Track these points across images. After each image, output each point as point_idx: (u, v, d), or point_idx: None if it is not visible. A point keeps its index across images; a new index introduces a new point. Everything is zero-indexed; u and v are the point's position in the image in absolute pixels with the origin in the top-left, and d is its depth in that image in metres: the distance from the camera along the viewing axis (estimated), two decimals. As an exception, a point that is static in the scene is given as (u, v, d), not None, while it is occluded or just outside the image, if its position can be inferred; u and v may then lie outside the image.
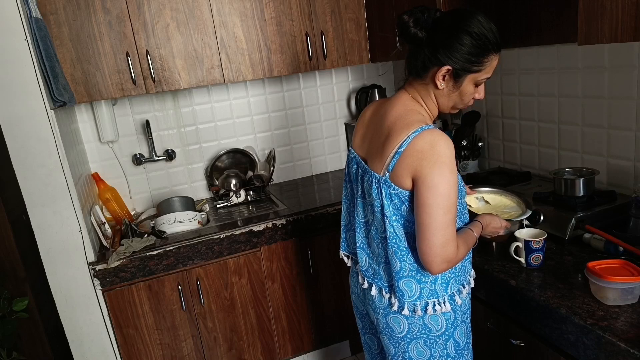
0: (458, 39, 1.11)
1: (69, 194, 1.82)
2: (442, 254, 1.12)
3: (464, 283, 1.29)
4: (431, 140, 1.10)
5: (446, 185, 1.09)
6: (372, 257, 1.31)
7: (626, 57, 1.56)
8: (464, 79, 1.15)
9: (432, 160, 1.09)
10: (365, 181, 1.25)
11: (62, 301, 1.90)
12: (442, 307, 1.23)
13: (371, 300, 1.32)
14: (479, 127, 2.26)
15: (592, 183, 1.60)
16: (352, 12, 2.38)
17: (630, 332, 1.06)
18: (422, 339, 1.26)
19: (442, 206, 1.10)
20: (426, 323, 1.25)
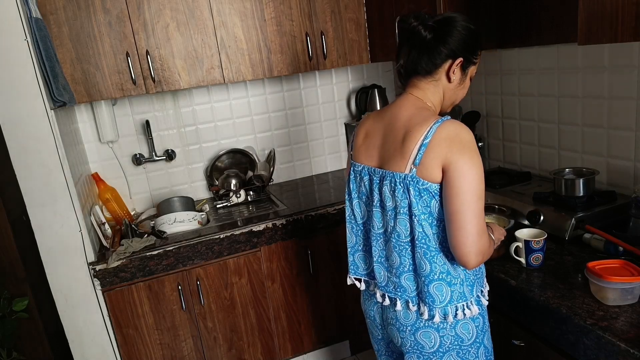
0: (463, 34, 1.19)
1: (69, 194, 1.82)
2: (479, 243, 1.09)
3: (483, 285, 1.27)
4: (455, 129, 1.12)
5: (478, 170, 1.09)
6: (390, 269, 1.25)
7: (626, 57, 1.56)
8: (468, 70, 1.24)
9: (460, 146, 1.09)
10: (385, 186, 1.20)
11: (62, 301, 1.90)
12: (471, 311, 1.19)
13: (395, 318, 1.26)
14: (479, 127, 2.26)
15: (592, 183, 1.60)
16: (352, 12, 2.38)
17: (630, 332, 1.06)
18: (454, 350, 1.21)
19: (475, 192, 1.09)
20: (458, 333, 1.20)
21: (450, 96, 1.26)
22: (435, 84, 1.23)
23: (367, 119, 1.34)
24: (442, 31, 1.18)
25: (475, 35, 1.21)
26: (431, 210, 1.15)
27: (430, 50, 1.19)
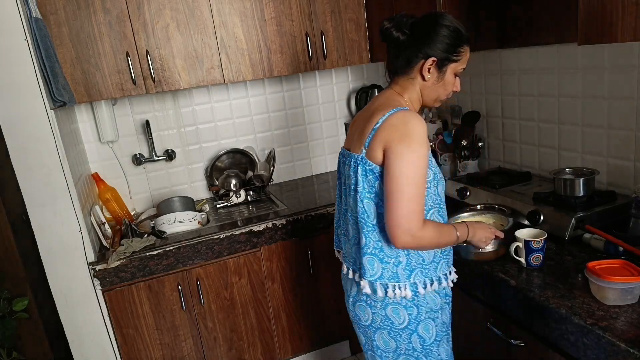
0: (438, 33, 1.25)
1: (69, 194, 1.82)
2: (405, 224, 1.18)
3: (432, 278, 1.32)
4: (404, 117, 1.22)
5: (413, 156, 1.18)
6: (347, 242, 1.40)
7: (626, 57, 1.56)
8: (446, 69, 1.28)
9: (402, 134, 1.20)
10: (347, 165, 1.35)
11: (62, 301, 1.90)
12: (402, 292, 1.28)
13: (349, 289, 1.43)
14: (479, 127, 2.26)
15: (592, 183, 1.60)
16: (352, 12, 2.38)
17: (630, 332, 1.06)
18: (386, 329, 1.34)
19: (408, 176, 1.18)
20: (388, 315, 1.32)
21: (428, 93, 1.33)
22: (411, 82, 1.31)
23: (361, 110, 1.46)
24: (416, 32, 1.27)
25: (452, 33, 1.25)
26: (376, 190, 1.26)
27: (403, 50, 1.29)
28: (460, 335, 1.66)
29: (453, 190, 1.98)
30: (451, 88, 1.33)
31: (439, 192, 1.33)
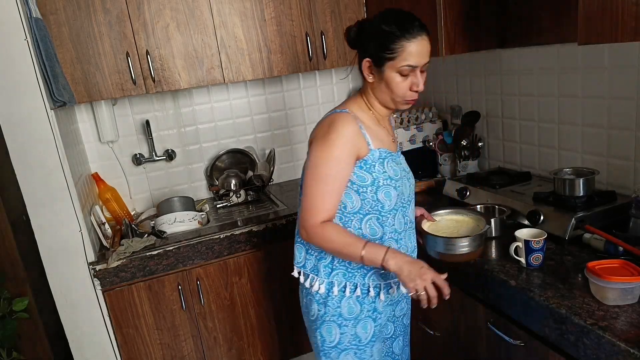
0: (369, 33, 1.27)
1: (69, 194, 1.82)
2: (302, 218, 1.27)
3: (356, 284, 1.34)
4: (332, 119, 1.29)
5: (325, 154, 1.24)
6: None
7: (626, 57, 1.56)
8: (384, 68, 1.26)
9: (323, 133, 1.27)
10: None
11: (62, 301, 1.90)
12: (316, 287, 1.36)
13: None
14: (479, 127, 2.26)
15: (592, 183, 1.60)
16: (352, 12, 2.38)
17: (630, 332, 1.06)
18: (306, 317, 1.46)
19: (314, 173, 1.25)
20: (306, 303, 1.42)
21: (379, 95, 1.33)
22: (366, 85, 1.36)
23: None
24: (357, 35, 1.32)
25: (381, 32, 1.24)
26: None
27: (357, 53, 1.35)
28: (461, 335, 1.66)
29: (453, 190, 1.98)
30: (400, 88, 1.28)
31: (379, 199, 1.31)
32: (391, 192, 1.32)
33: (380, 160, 1.32)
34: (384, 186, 1.31)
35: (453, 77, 2.42)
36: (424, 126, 2.43)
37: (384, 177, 1.31)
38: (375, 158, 1.31)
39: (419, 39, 1.23)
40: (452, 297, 1.64)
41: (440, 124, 2.47)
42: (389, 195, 1.32)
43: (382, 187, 1.31)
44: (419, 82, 1.28)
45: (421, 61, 1.25)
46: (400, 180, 1.36)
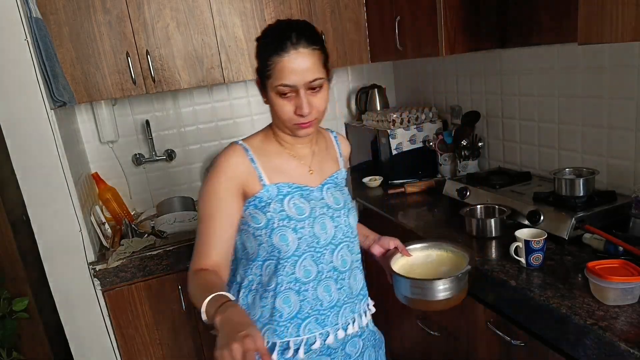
0: (255, 48, 1.15)
1: (69, 194, 1.82)
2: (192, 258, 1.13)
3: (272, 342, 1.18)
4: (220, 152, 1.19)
5: (201, 192, 1.16)
6: None
7: (626, 57, 1.56)
8: (267, 88, 1.11)
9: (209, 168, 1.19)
10: None
11: (62, 301, 1.90)
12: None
13: None
14: (479, 127, 2.26)
15: (592, 183, 1.60)
16: (352, 12, 2.38)
17: (630, 332, 1.06)
18: None
19: (198, 211, 1.17)
20: None
21: (274, 119, 1.18)
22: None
23: None
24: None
25: (258, 46, 1.12)
26: None
27: None
28: (461, 335, 1.66)
29: (453, 190, 1.98)
30: (285, 112, 1.10)
31: (273, 243, 1.14)
32: (287, 235, 1.14)
33: (278, 198, 1.16)
34: (278, 228, 1.14)
35: (453, 77, 2.42)
36: (424, 126, 2.43)
37: (280, 217, 1.14)
38: (271, 195, 1.15)
39: (293, 54, 1.05)
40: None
41: (440, 124, 2.47)
42: (284, 238, 1.14)
43: (277, 229, 1.14)
44: (302, 104, 1.08)
45: (300, 79, 1.06)
46: (309, 219, 1.16)
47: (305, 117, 1.10)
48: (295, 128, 1.13)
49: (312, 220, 1.17)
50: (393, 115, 2.38)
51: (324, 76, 1.11)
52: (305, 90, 1.08)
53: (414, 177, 2.41)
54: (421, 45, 2.06)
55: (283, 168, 1.20)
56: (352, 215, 1.27)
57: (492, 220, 1.63)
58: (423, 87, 2.69)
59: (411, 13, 2.08)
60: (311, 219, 1.17)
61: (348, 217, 1.25)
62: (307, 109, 1.08)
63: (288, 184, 1.18)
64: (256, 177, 1.15)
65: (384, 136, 2.40)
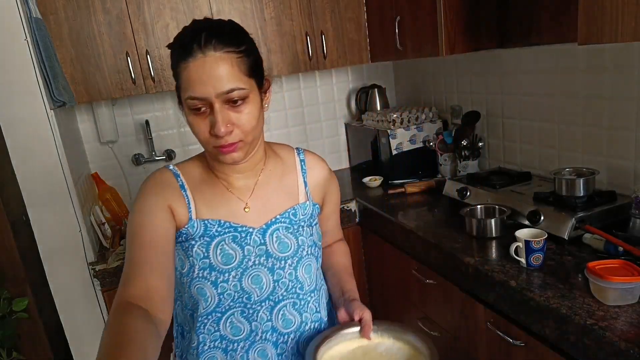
0: None
1: (69, 194, 1.82)
2: None
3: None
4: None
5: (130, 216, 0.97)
6: None
7: (626, 57, 1.56)
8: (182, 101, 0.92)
9: None
10: None
11: (62, 301, 1.90)
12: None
13: None
14: (479, 127, 2.26)
15: (592, 183, 1.60)
16: (352, 12, 2.38)
17: (630, 332, 1.06)
18: None
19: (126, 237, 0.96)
20: None
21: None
22: None
23: None
24: None
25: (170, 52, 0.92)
26: None
27: None
28: (461, 335, 1.66)
29: (453, 191, 1.98)
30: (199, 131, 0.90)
31: (192, 295, 0.97)
32: (206, 289, 0.96)
33: (204, 240, 0.96)
34: (197, 279, 0.96)
35: (453, 77, 2.42)
36: (424, 126, 2.43)
37: (202, 265, 0.95)
38: (196, 234, 0.96)
39: (200, 59, 0.85)
40: (452, 298, 1.64)
41: (441, 124, 2.47)
42: (202, 292, 0.96)
43: (196, 279, 0.96)
44: (215, 121, 0.87)
45: (210, 90, 0.85)
46: (236, 270, 0.96)
47: (223, 139, 0.88)
48: (216, 152, 0.92)
49: (240, 272, 0.97)
50: (393, 115, 2.38)
51: (246, 86, 0.89)
52: (222, 103, 0.87)
53: (414, 177, 2.41)
54: (421, 45, 2.06)
55: (216, 202, 1.00)
56: (304, 266, 1.02)
57: (492, 220, 1.63)
58: (423, 87, 2.68)
59: (411, 13, 2.08)
60: (239, 270, 0.97)
61: (296, 269, 1.01)
62: (223, 128, 0.87)
63: (218, 222, 0.97)
64: (184, 205, 0.97)
65: (384, 136, 2.40)
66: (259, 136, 0.98)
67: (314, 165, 1.12)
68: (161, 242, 0.92)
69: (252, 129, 0.91)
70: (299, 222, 1.04)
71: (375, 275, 2.32)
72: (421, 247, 1.78)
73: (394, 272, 2.06)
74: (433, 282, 1.75)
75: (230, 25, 0.94)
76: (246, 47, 0.92)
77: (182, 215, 0.97)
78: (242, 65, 0.90)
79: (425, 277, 1.79)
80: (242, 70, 0.90)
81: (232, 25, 0.95)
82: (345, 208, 2.25)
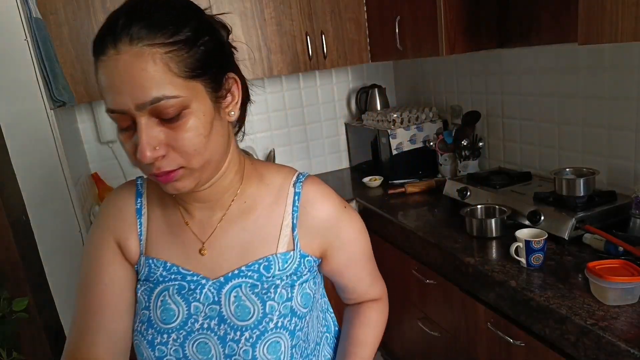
0: None
1: (69, 194, 1.82)
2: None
3: None
4: None
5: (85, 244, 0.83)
6: None
7: (626, 57, 1.56)
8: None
9: None
10: None
11: (62, 301, 1.90)
12: None
13: None
14: (479, 127, 2.26)
15: (592, 183, 1.60)
16: (352, 12, 2.38)
17: (630, 332, 1.06)
18: None
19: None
20: None
21: None
22: None
23: None
24: None
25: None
26: None
27: None
28: (461, 335, 1.66)
29: (453, 191, 1.98)
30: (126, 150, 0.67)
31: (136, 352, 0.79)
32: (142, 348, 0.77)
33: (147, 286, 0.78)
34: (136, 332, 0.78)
35: (453, 77, 2.42)
36: (424, 126, 2.43)
37: (141, 316, 0.77)
38: (142, 275, 0.78)
39: (112, 58, 0.62)
40: (452, 298, 1.64)
41: (441, 124, 2.47)
42: (139, 351, 0.78)
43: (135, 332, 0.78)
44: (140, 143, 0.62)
45: (126, 100, 0.61)
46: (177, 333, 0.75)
47: (154, 165, 0.64)
48: (151, 176, 0.68)
49: (183, 336, 0.74)
50: (393, 115, 2.38)
51: (183, 92, 0.62)
52: (149, 117, 0.62)
53: (414, 177, 2.41)
54: (421, 45, 2.06)
55: (167, 237, 0.78)
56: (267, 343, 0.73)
57: (493, 220, 1.63)
58: (423, 87, 2.68)
59: (411, 13, 2.08)
60: (182, 333, 0.74)
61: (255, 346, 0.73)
62: (149, 152, 0.62)
63: (164, 264, 0.77)
64: (136, 236, 0.78)
65: (384, 136, 2.40)
66: (220, 158, 0.70)
67: (314, 201, 0.80)
68: (111, 302, 0.77)
69: (196, 151, 0.65)
70: (272, 281, 0.76)
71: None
72: (421, 247, 1.78)
73: (394, 272, 2.06)
74: (433, 282, 1.75)
75: (162, 3, 0.65)
76: (186, 35, 0.63)
77: (132, 251, 0.79)
78: (177, 62, 0.62)
79: (426, 277, 1.79)
80: (177, 70, 0.62)
81: (165, 4, 0.65)
82: (345, 208, 2.25)
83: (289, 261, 0.77)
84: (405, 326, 2.08)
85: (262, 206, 0.79)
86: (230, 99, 0.72)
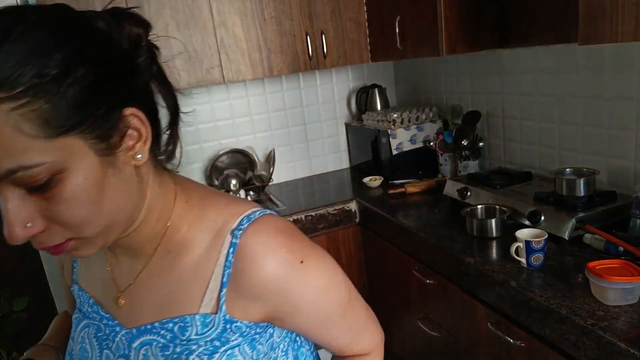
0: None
1: (68, 194, 1.82)
2: None
3: None
4: None
5: None
6: None
7: (626, 57, 1.56)
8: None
9: None
10: None
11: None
12: None
13: None
14: (479, 127, 2.26)
15: (592, 183, 1.60)
16: (352, 12, 2.38)
17: (630, 332, 1.05)
18: None
19: None
20: None
21: None
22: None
23: None
24: None
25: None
26: None
27: None
28: (461, 336, 1.66)
29: (454, 191, 1.98)
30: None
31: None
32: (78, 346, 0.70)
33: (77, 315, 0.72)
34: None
35: (453, 77, 2.42)
36: (425, 126, 2.43)
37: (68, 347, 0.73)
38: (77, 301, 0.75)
39: None
40: (452, 298, 1.64)
41: (441, 124, 2.47)
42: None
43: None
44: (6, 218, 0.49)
45: None
46: None
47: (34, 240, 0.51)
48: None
49: None
50: (393, 115, 2.38)
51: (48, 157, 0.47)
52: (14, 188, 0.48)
53: (414, 177, 2.41)
54: (421, 45, 2.06)
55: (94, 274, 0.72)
56: None
57: (493, 220, 1.63)
58: (423, 87, 2.68)
59: (411, 13, 2.08)
60: None
61: None
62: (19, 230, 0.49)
63: (88, 301, 0.71)
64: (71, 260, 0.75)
65: (384, 136, 2.40)
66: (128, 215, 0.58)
67: (253, 258, 0.61)
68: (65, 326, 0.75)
69: (83, 222, 0.52)
70: (186, 345, 0.63)
71: (376, 275, 2.32)
72: (421, 247, 1.78)
73: (394, 272, 2.06)
74: (433, 282, 1.75)
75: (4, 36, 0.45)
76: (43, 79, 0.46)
77: (67, 277, 0.76)
78: (32, 119, 0.46)
79: (426, 277, 1.79)
80: (32, 131, 0.46)
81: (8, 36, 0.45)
82: (345, 208, 2.25)
83: (209, 325, 0.62)
84: (406, 326, 2.08)
85: (190, 257, 0.64)
86: (132, 141, 0.56)
